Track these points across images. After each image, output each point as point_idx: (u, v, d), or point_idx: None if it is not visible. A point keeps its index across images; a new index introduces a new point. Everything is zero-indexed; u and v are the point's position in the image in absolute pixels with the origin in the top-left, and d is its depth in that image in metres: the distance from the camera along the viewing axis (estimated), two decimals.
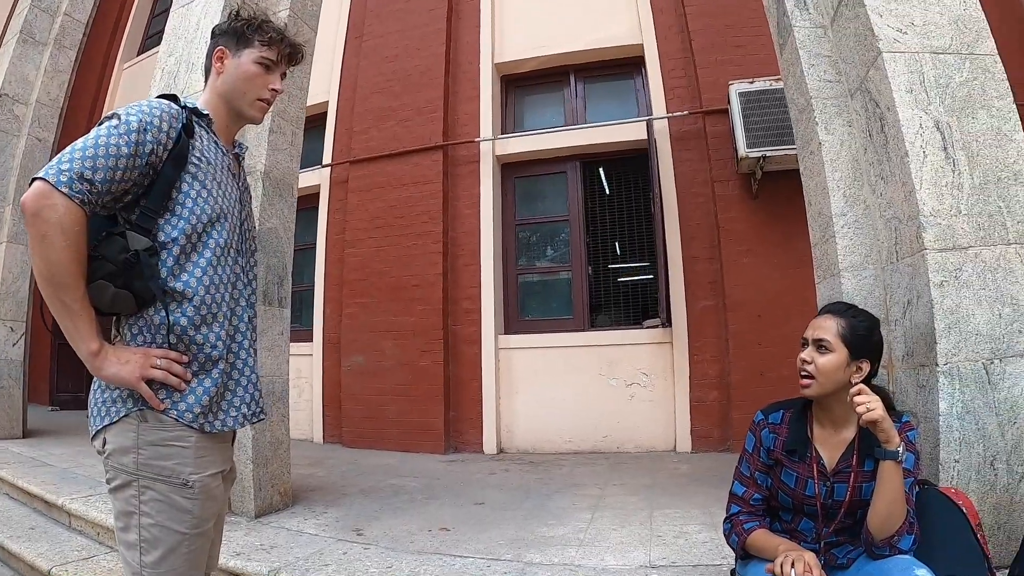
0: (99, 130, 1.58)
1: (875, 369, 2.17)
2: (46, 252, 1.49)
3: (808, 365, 2.10)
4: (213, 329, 1.72)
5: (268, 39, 1.87)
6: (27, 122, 7.55)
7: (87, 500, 4.24)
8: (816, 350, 2.10)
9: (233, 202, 1.84)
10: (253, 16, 1.90)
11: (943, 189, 2.78)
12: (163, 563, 1.62)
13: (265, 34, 1.87)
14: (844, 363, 2.08)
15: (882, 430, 1.89)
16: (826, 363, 2.08)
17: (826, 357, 2.08)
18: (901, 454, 1.89)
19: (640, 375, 6.77)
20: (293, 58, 1.97)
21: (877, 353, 2.17)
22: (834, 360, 2.07)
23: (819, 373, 2.08)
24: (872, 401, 1.88)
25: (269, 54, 1.88)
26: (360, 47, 8.56)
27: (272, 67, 1.90)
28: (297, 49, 1.97)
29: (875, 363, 2.16)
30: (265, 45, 1.87)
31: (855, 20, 3.20)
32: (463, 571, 2.95)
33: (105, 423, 1.65)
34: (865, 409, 1.86)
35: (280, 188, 4.46)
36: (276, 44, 1.89)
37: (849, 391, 1.96)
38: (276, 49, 1.89)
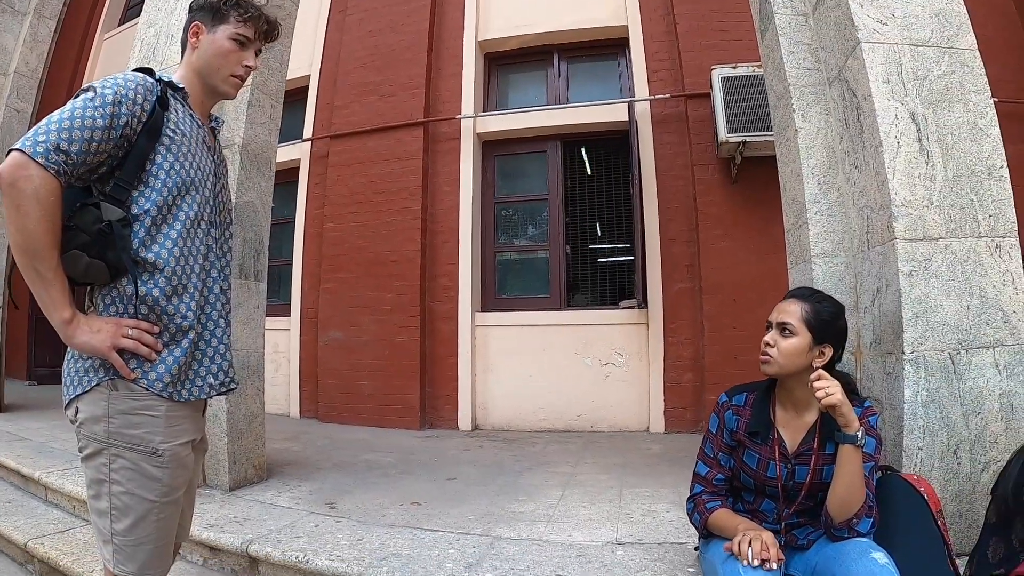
0: (75, 103, 1.60)
1: (839, 355, 2.24)
2: (21, 222, 1.52)
3: (771, 348, 2.16)
4: (184, 300, 1.74)
5: (244, 16, 1.89)
6: (5, 93, 7.45)
7: (63, 474, 4.24)
8: (780, 333, 2.16)
9: (207, 174, 1.86)
10: None
11: (916, 180, 2.82)
12: (134, 530, 1.66)
13: (242, 10, 1.88)
14: (807, 347, 2.14)
15: (841, 414, 1.95)
16: (788, 346, 2.13)
17: (789, 341, 2.14)
18: (860, 438, 1.96)
19: (615, 355, 6.84)
20: (269, 35, 1.98)
21: (841, 339, 2.23)
22: (796, 344, 2.13)
23: (781, 355, 2.14)
24: (832, 386, 1.94)
25: (245, 31, 1.89)
26: (343, 21, 8.48)
27: (247, 43, 1.91)
28: (273, 26, 1.98)
29: (838, 349, 2.22)
30: (241, 22, 1.88)
31: (836, 9, 3.22)
32: (432, 544, 2.99)
33: (77, 392, 1.68)
34: (824, 394, 1.93)
35: (258, 162, 4.43)
36: (252, 21, 1.90)
37: (810, 375, 2.01)
38: (252, 26, 1.90)
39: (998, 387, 2.68)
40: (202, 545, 3.21)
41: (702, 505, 2.27)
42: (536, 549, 2.92)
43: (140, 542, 1.67)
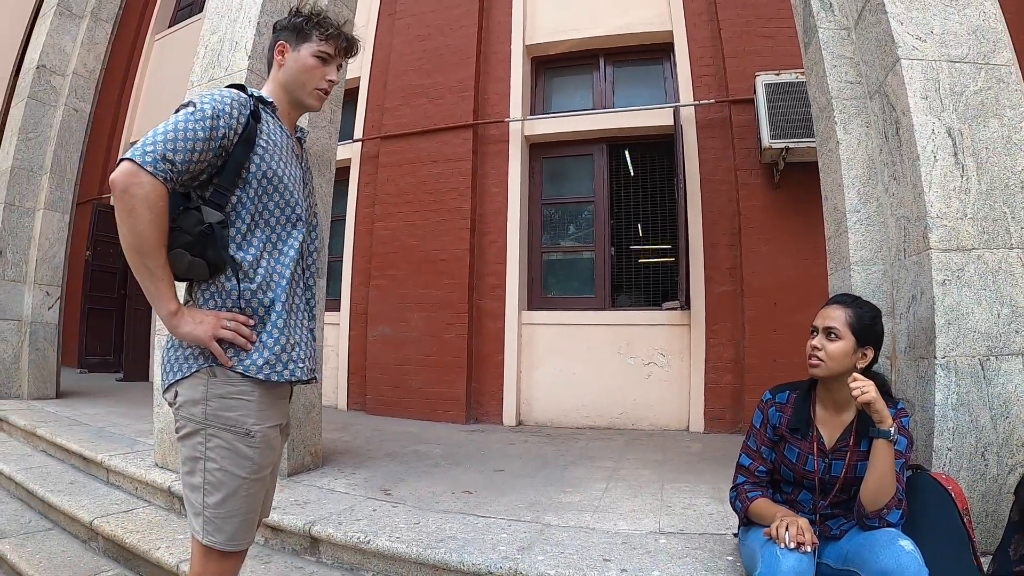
0: (177, 116, 1.79)
1: (876, 356, 2.39)
2: (134, 224, 1.71)
3: (819, 351, 2.32)
4: (275, 294, 1.92)
5: (326, 34, 2.06)
6: (64, 93, 7.71)
7: (125, 456, 4.48)
8: (826, 337, 2.33)
9: (296, 181, 2.04)
10: (312, 12, 2.09)
11: (951, 192, 2.90)
12: (224, 504, 1.84)
13: (324, 29, 2.06)
14: (851, 349, 2.31)
15: (875, 411, 2.11)
16: (836, 349, 2.30)
17: (836, 344, 2.30)
18: (893, 435, 2.11)
19: (657, 355, 6.96)
20: (349, 51, 2.16)
21: (879, 341, 2.39)
22: (843, 347, 2.30)
23: (829, 358, 2.30)
24: (867, 385, 2.10)
25: (327, 48, 2.07)
26: (393, 25, 8.70)
27: (329, 60, 2.09)
28: (352, 43, 2.15)
29: (877, 350, 2.38)
30: (323, 40, 2.06)
31: (877, 25, 3.29)
32: (486, 529, 3.18)
33: (178, 377, 1.87)
34: (860, 392, 2.09)
35: (319, 164, 4.64)
36: (333, 39, 2.08)
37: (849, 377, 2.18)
38: (333, 43, 2.08)
39: None
40: (264, 526, 3.38)
41: (744, 494, 2.44)
42: (583, 536, 3.09)
43: (230, 515, 1.85)
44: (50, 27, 7.72)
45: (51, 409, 6.61)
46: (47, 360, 7.50)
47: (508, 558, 2.78)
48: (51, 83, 7.69)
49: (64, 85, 7.77)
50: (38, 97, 7.59)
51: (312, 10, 2.11)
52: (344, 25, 2.17)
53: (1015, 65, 3.10)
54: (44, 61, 7.66)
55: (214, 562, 1.89)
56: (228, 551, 1.88)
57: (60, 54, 7.78)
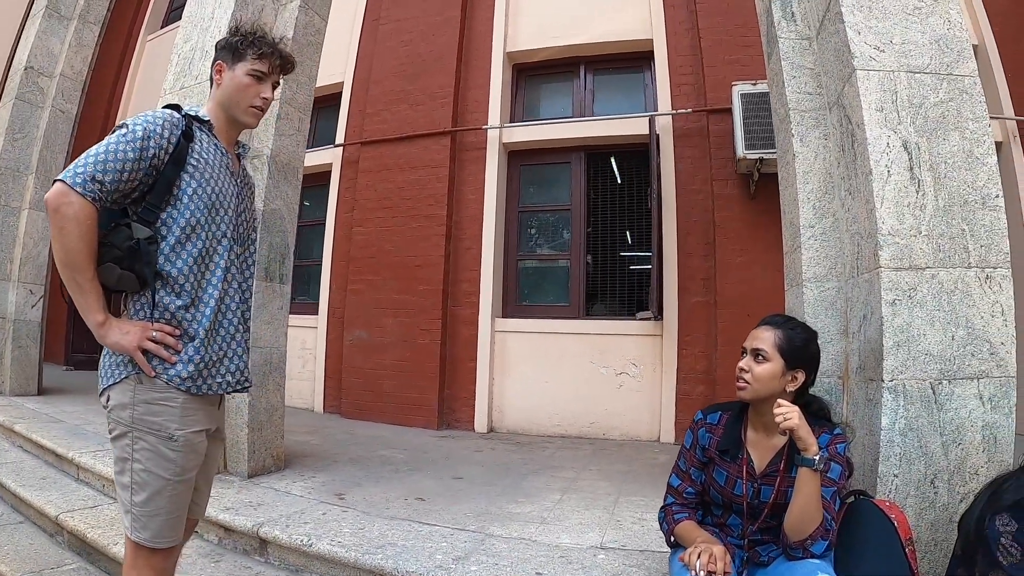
0: (110, 138, 1.88)
1: (812, 379, 2.32)
2: (64, 240, 1.80)
3: (745, 373, 2.26)
4: (201, 309, 1.99)
5: (259, 53, 2.11)
6: (51, 94, 7.75)
7: (95, 455, 4.51)
8: (753, 359, 2.26)
9: (229, 197, 2.10)
10: (249, 31, 2.13)
11: (904, 209, 2.84)
12: (149, 503, 1.91)
13: (257, 48, 2.11)
14: (779, 372, 2.23)
15: (799, 438, 2.04)
16: (762, 371, 2.24)
17: (763, 366, 2.24)
18: (819, 463, 2.03)
19: (630, 365, 6.95)
20: (284, 68, 2.20)
21: (813, 364, 2.32)
22: (769, 369, 2.23)
23: (755, 380, 2.24)
24: (790, 411, 2.03)
25: (260, 66, 2.11)
26: (377, 30, 8.70)
27: (264, 78, 2.14)
28: (287, 60, 2.20)
29: (811, 374, 2.31)
30: (256, 58, 2.11)
31: (836, 35, 3.24)
32: (428, 537, 3.18)
33: (109, 383, 1.95)
34: (783, 418, 2.02)
35: (285, 172, 4.65)
36: (267, 57, 2.12)
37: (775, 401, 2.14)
38: (267, 62, 2.13)
39: (981, 419, 2.67)
40: (218, 526, 3.45)
41: (671, 516, 2.41)
42: (523, 548, 3.07)
43: (154, 513, 1.92)
44: (39, 29, 7.76)
45: (31, 406, 6.67)
46: (29, 357, 7.54)
47: (442, 567, 2.78)
48: (38, 84, 7.73)
49: (51, 86, 7.81)
50: (25, 98, 7.63)
51: (249, 28, 2.16)
52: (280, 43, 2.21)
53: (978, 76, 3.03)
54: (32, 62, 7.70)
55: (143, 557, 1.97)
56: (154, 547, 1.95)
57: (48, 56, 7.82)
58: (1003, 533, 2.01)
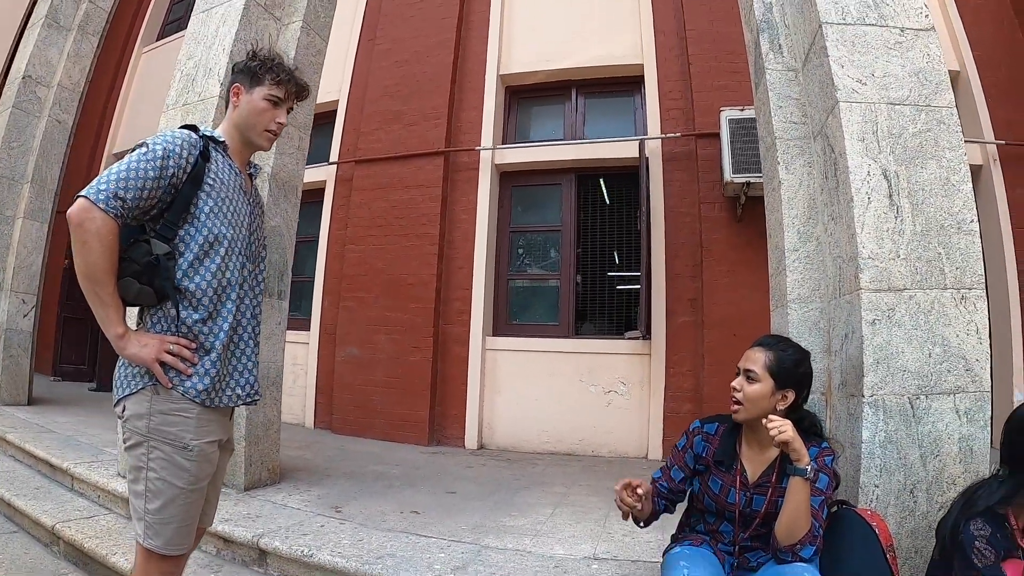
0: (131, 157, 1.94)
1: (804, 397, 2.45)
2: (86, 255, 1.86)
3: (738, 392, 2.39)
4: (218, 323, 2.06)
5: (277, 79, 2.21)
6: (48, 104, 7.78)
7: (90, 465, 4.55)
8: (745, 379, 2.39)
9: (243, 216, 2.18)
10: (267, 57, 2.22)
11: (884, 234, 2.97)
12: (163, 511, 1.96)
13: (275, 75, 2.20)
14: (769, 392, 2.36)
15: (792, 450, 2.17)
16: (753, 392, 2.36)
17: (753, 386, 2.36)
18: (809, 472, 2.17)
19: (618, 383, 7.05)
20: (300, 95, 2.30)
21: (801, 384, 2.44)
22: (759, 389, 2.36)
23: (746, 400, 2.37)
24: (783, 425, 2.16)
25: (277, 92, 2.21)
26: (372, 50, 8.82)
27: (280, 103, 2.23)
28: (303, 88, 2.30)
29: (802, 392, 2.43)
30: (274, 84, 2.20)
31: (820, 68, 3.37)
32: (425, 548, 3.27)
33: (126, 393, 2.00)
34: (777, 431, 2.14)
35: (285, 189, 4.75)
36: (284, 84, 2.22)
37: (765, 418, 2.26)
38: (284, 88, 2.22)
39: (958, 431, 2.80)
40: (217, 537, 3.50)
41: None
42: (518, 559, 3.17)
43: (167, 521, 1.97)
44: (37, 38, 7.80)
45: (22, 416, 6.68)
46: (20, 367, 7.53)
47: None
48: (36, 94, 7.76)
49: (48, 96, 7.85)
50: (22, 107, 7.67)
51: (267, 54, 2.25)
52: (296, 71, 2.30)
53: (955, 107, 3.18)
54: (30, 72, 7.74)
55: (154, 564, 2.00)
56: (166, 554, 1.99)
57: (46, 65, 7.86)
58: (977, 537, 2.13)
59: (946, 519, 2.34)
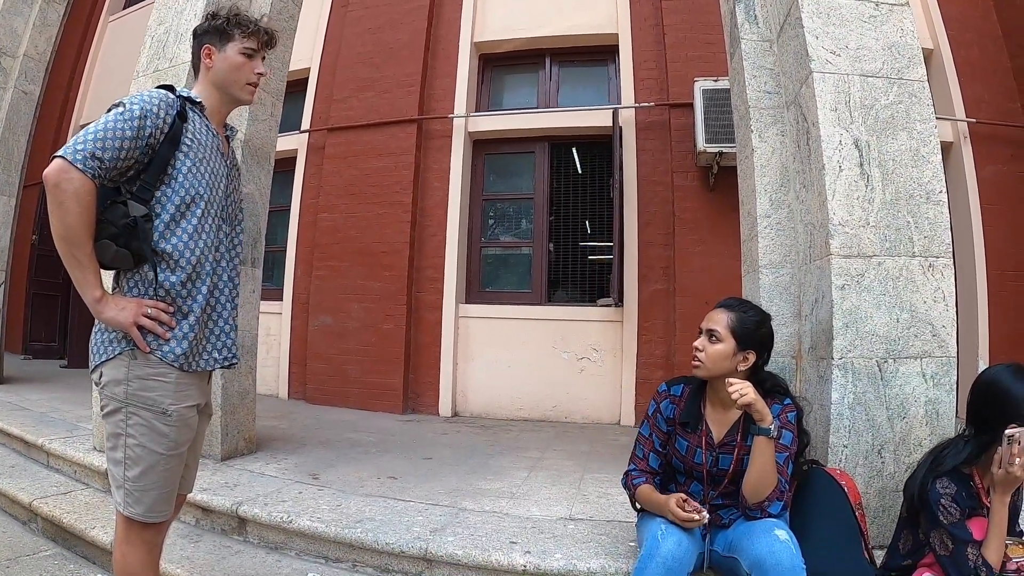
0: (107, 116, 1.92)
1: (764, 358, 2.52)
2: (63, 216, 1.83)
3: (700, 352, 2.45)
4: (196, 286, 2.05)
5: (247, 31, 2.20)
6: (14, 75, 7.52)
7: (65, 441, 4.49)
8: (708, 339, 2.45)
9: (219, 178, 2.17)
10: (231, 14, 2.21)
11: (854, 201, 3.05)
12: (143, 477, 1.96)
13: (244, 28, 2.19)
14: (731, 352, 2.43)
15: (755, 411, 2.24)
16: (715, 351, 2.43)
17: (716, 346, 2.43)
18: (773, 431, 2.25)
19: (591, 350, 7.13)
20: (270, 43, 2.29)
21: (763, 345, 2.51)
22: (722, 349, 2.43)
23: (708, 359, 2.44)
24: (744, 387, 2.23)
25: (250, 43, 2.20)
26: (345, 16, 8.69)
27: (254, 54, 2.22)
28: (272, 35, 2.29)
29: (763, 354, 2.51)
30: (245, 37, 2.19)
31: (795, 39, 3.43)
32: (403, 512, 3.31)
33: (103, 359, 1.98)
34: (738, 394, 2.21)
35: (258, 156, 4.70)
36: (254, 34, 2.22)
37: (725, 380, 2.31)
38: (255, 39, 2.22)
39: (924, 395, 2.91)
40: (195, 507, 3.49)
41: (630, 480, 2.61)
42: (496, 520, 3.23)
43: (148, 488, 1.97)
44: (2, 7, 7.49)
45: None
46: None
47: (420, 539, 2.92)
48: (1, 64, 7.49)
49: (14, 67, 7.56)
50: None
51: (229, 11, 2.23)
52: (262, 19, 2.30)
53: (927, 81, 3.26)
54: None
55: (135, 532, 2.01)
56: (147, 522, 2.00)
57: (11, 35, 7.56)
58: (943, 495, 2.21)
59: (913, 478, 2.41)
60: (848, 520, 2.46)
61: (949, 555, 2.17)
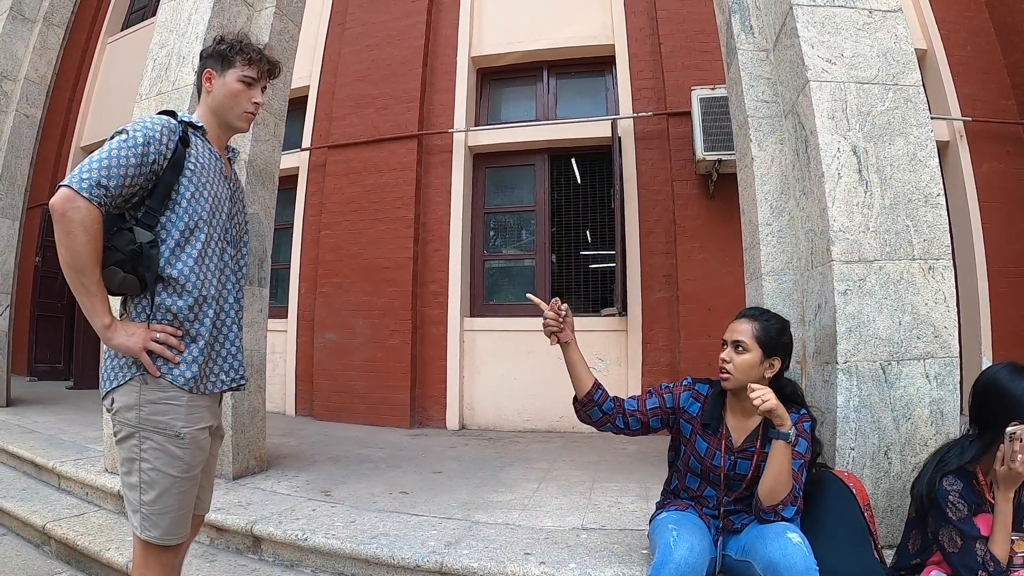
0: (111, 144, 1.93)
1: (786, 364, 2.56)
2: (71, 244, 1.85)
3: (728, 364, 2.48)
4: (203, 309, 2.07)
5: (248, 59, 2.20)
6: (15, 99, 7.58)
7: (76, 463, 4.52)
8: (734, 350, 2.49)
9: (223, 200, 2.19)
10: (235, 39, 2.22)
11: (854, 207, 3.08)
12: (158, 501, 1.98)
13: (245, 55, 2.20)
14: (758, 361, 2.47)
15: (776, 416, 2.27)
16: (743, 361, 2.47)
17: (743, 356, 2.47)
18: (791, 436, 2.28)
19: (596, 360, 7.15)
20: (272, 73, 2.30)
21: (786, 352, 2.56)
22: (749, 359, 2.46)
23: (736, 370, 2.47)
24: (766, 393, 2.26)
25: (250, 72, 2.21)
26: (343, 34, 8.75)
27: (254, 83, 2.23)
28: (274, 66, 2.30)
29: (785, 360, 2.55)
30: (246, 64, 2.20)
31: (791, 48, 3.47)
32: (417, 527, 3.34)
33: (114, 385, 2.00)
34: (760, 400, 2.24)
35: (263, 176, 4.75)
36: (256, 63, 2.22)
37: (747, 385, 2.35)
38: (256, 67, 2.22)
39: (928, 395, 2.93)
40: (209, 526, 3.51)
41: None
42: (509, 532, 3.26)
43: (163, 511, 1.98)
44: (3, 31, 7.57)
45: (1, 417, 6.58)
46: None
47: (435, 552, 2.95)
48: (2, 88, 7.54)
49: (15, 91, 7.63)
50: None
51: (235, 37, 2.25)
52: (265, 48, 2.30)
53: (922, 86, 3.30)
54: None
55: (153, 556, 2.02)
56: (165, 545, 2.01)
57: (12, 59, 7.63)
58: (950, 492, 2.26)
59: (920, 478, 2.45)
60: (857, 521, 2.49)
61: (958, 551, 2.20)
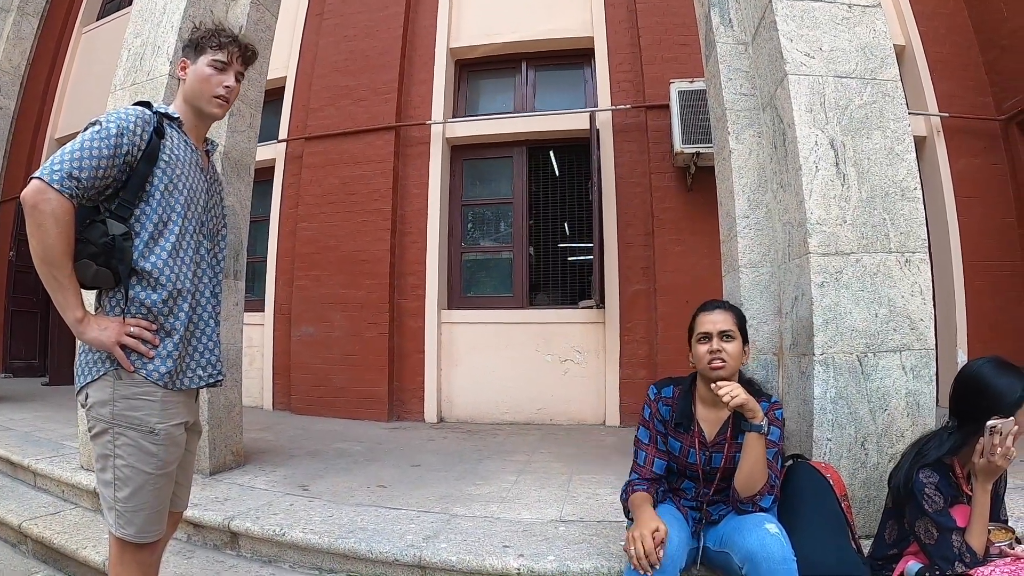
0: (84, 135, 1.90)
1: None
2: (42, 237, 1.82)
3: (721, 353, 2.47)
4: (178, 303, 2.04)
5: (218, 43, 2.17)
6: None
7: (52, 460, 4.46)
8: (723, 340, 2.49)
9: (199, 193, 2.15)
10: (209, 27, 2.20)
11: (831, 200, 3.10)
12: (133, 498, 1.95)
13: (216, 40, 2.17)
14: (741, 348, 2.51)
15: (748, 409, 2.30)
16: (734, 349, 2.49)
17: (732, 344, 2.49)
18: (764, 427, 2.30)
19: (574, 352, 7.18)
20: (245, 58, 2.26)
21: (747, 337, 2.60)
22: (737, 346, 2.50)
23: (730, 358, 2.47)
24: (734, 389, 2.28)
25: (220, 56, 2.17)
26: (320, 25, 8.68)
27: (225, 68, 2.19)
28: (246, 48, 2.26)
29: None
30: (215, 49, 2.17)
31: (770, 42, 3.47)
32: (395, 520, 3.33)
33: (88, 380, 1.97)
34: (730, 396, 2.26)
35: (238, 168, 4.70)
36: (226, 47, 2.19)
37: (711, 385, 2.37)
38: (226, 51, 2.19)
39: (904, 387, 2.96)
40: (186, 522, 3.46)
41: (631, 488, 2.58)
42: (487, 525, 3.26)
43: (138, 508, 1.96)
44: None
45: None
46: None
47: (414, 546, 2.94)
48: None
49: None
50: None
51: (210, 25, 2.23)
52: (240, 33, 2.27)
53: (900, 80, 3.32)
54: None
55: (129, 553, 2.00)
56: (140, 543, 1.99)
57: None
58: (927, 484, 2.28)
59: (898, 469, 2.48)
60: (835, 511, 2.52)
61: (934, 543, 2.23)
